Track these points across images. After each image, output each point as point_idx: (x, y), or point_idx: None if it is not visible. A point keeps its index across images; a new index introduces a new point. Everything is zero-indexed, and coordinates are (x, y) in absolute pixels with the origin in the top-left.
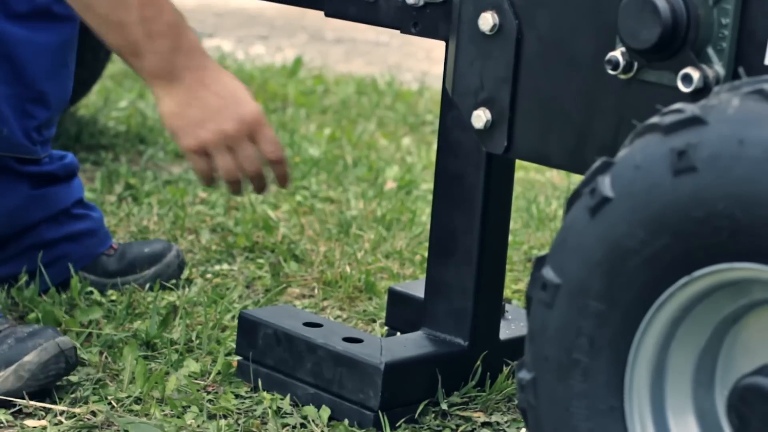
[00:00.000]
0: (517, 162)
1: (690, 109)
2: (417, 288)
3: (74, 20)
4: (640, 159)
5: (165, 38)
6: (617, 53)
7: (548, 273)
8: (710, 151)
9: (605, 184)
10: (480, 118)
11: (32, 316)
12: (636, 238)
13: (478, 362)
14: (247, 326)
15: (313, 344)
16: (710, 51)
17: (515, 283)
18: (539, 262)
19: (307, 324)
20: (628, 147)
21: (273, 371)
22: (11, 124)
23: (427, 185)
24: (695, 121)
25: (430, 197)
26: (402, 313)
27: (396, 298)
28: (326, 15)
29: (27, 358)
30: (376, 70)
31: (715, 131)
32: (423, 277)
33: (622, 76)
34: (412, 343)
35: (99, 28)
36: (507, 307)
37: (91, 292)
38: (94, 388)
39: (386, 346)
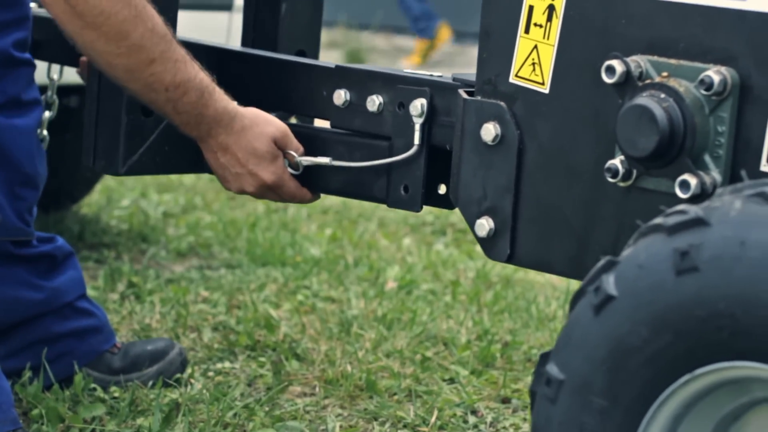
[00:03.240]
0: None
1: (693, 210)
2: None
3: (40, 104)
4: (643, 258)
5: (189, 114)
6: (617, 161)
7: (552, 369)
8: (712, 252)
9: (609, 283)
10: (483, 226)
11: (35, 412)
12: (639, 336)
13: None
14: None
15: None
16: (707, 158)
17: (515, 383)
18: (544, 358)
19: None
20: (632, 246)
21: None
22: (5, 208)
23: (428, 285)
24: (698, 223)
25: (431, 297)
26: None
27: None
28: (332, 126)
29: None
30: None
31: (718, 233)
32: (425, 375)
33: (622, 184)
34: None
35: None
36: None
37: (95, 389)
38: None
39: None
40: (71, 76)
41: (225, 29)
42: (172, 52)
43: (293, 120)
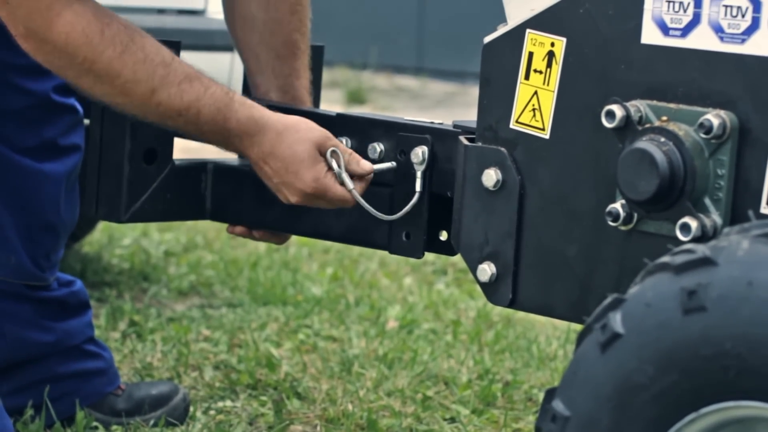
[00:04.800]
0: None
1: (701, 249)
2: None
3: (79, 150)
4: (651, 297)
5: (213, 131)
6: (617, 205)
7: (558, 405)
8: (720, 291)
9: (616, 321)
10: (485, 271)
11: None
12: (645, 374)
13: None
14: None
15: None
16: (707, 201)
17: (515, 422)
18: (549, 395)
19: None
20: (640, 284)
21: None
22: (19, 252)
23: (429, 324)
24: (706, 262)
25: (432, 336)
26: None
27: None
28: None
29: None
30: None
31: (725, 272)
32: (426, 414)
33: (623, 228)
34: None
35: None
36: None
37: (96, 427)
38: None
39: None
40: None
41: (227, 70)
42: (173, 75)
43: None
